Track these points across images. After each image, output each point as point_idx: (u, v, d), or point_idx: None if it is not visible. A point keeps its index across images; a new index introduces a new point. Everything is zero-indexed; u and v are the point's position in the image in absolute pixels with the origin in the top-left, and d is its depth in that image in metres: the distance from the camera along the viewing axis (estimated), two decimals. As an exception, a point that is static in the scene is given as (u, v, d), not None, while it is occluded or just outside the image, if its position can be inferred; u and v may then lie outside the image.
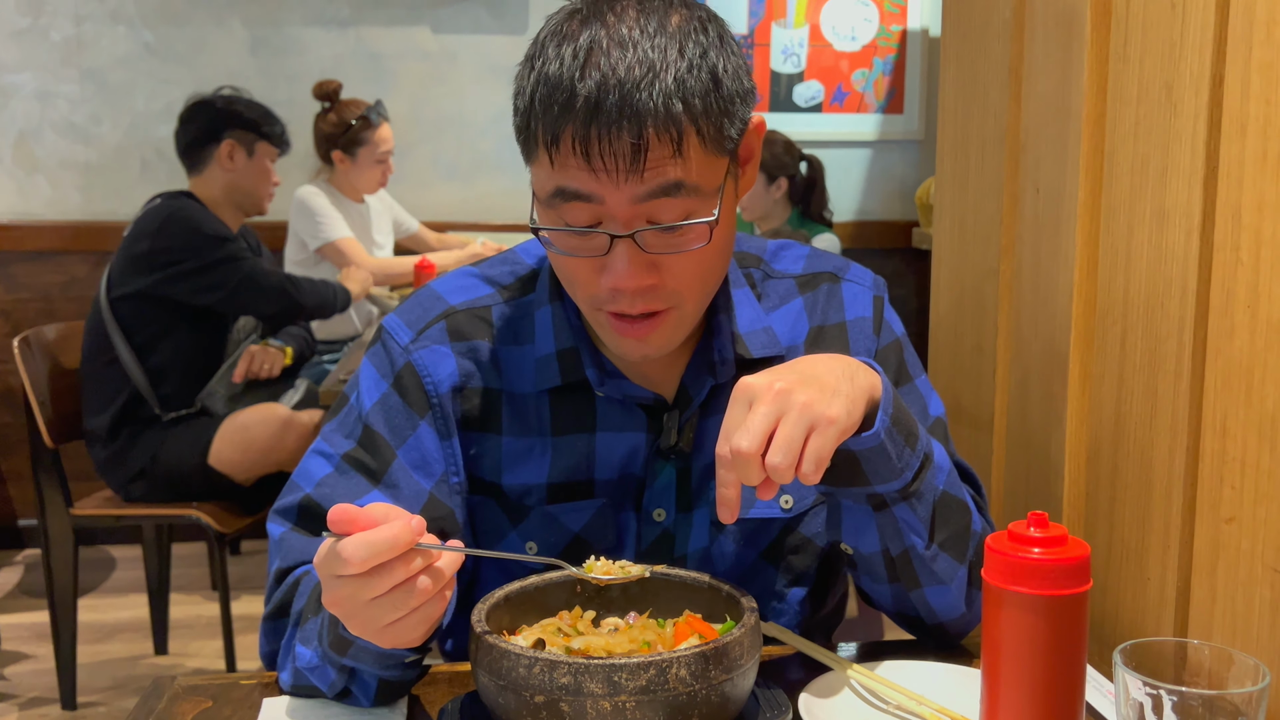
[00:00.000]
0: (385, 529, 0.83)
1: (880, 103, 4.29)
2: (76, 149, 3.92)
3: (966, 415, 1.53)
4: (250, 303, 2.88)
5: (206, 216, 2.85)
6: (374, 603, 0.85)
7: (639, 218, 0.97)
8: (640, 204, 0.96)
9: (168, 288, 2.75)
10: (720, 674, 0.87)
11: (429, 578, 0.86)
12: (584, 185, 0.96)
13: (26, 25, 3.84)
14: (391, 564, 0.84)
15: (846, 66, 4.26)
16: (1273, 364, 0.95)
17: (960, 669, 1.05)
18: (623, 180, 0.95)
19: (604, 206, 0.97)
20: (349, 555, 0.82)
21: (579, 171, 0.95)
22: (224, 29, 3.93)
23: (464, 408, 1.14)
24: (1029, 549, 0.79)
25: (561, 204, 0.98)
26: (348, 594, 0.85)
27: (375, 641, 0.89)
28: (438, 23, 4.03)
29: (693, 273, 1.02)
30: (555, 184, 0.98)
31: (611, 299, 1.02)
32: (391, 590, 0.84)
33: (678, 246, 0.99)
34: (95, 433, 2.78)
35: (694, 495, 1.15)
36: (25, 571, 3.79)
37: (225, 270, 2.79)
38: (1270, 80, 0.94)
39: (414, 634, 0.89)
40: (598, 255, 1.00)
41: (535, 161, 1.00)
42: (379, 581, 0.84)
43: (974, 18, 1.49)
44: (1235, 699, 0.79)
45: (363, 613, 0.86)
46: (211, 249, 2.77)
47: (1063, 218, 1.27)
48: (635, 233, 0.97)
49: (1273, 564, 0.95)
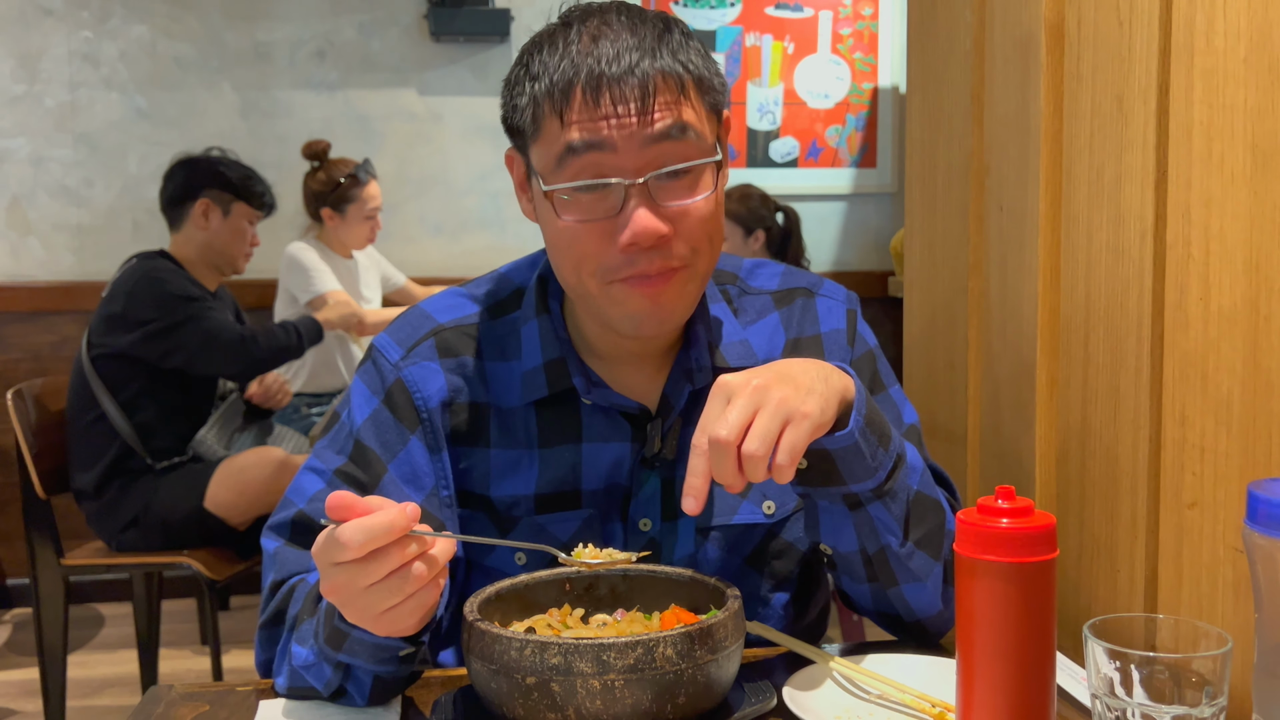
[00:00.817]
0: (381, 515, 0.85)
1: (854, 157, 4.37)
2: (69, 211, 3.96)
3: (941, 430, 1.56)
4: (210, 363, 2.84)
5: (174, 276, 2.83)
6: (371, 589, 0.87)
7: (649, 165, 1.01)
8: (649, 147, 1.01)
9: (141, 349, 2.76)
10: (706, 654, 0.89)
11: (424, 564, 0.88)
12: (595, 134, 1.00)
13: (22, 91, 3.91)
14: (387, 550, 0.86)
15: (820, 123, 4.35)
16: (1225, 351, 0.98)
17: (940, 660, 1.07)
18: (633, 125, 0.99)
19: (615, 156, 1.01)
20: (346, 540, 0.84)
21: (591, 122, 1.00)
22: (214, 93, 4.00)
23: (453, 422, 1.16)
24: (998, 519, 0.82)
25: (572, 161, 1.02)
26: (345, 580, 0.87)
27: (371, 629, 0.91)
28: (424, 85, 4.11)
29: (701, 228, 1.05)
30: (565, 141, 1.01)
31: (628, 262, 1.04)
32: (388, 576, 0.86)
33: (686, 195, 1.03)
34: (84, 489, 2.78)
35: (678, 504, 1.18)
36: (14, 630, 3.75)
37: (187, 331, 2.76)
38: (1212, 85, 0.99)
39: (409, 620, 0.90)
40: (610, 216, 1.03)
41: (541, 135, 1.04)
42: (375, 567, 0.86)
43: (937, 49, 1.55)
44: (1200, 665, 0.82)
45: (360, 599, 0.88)
46: (176, 309, 2.76)
47: (1026, 232, 1.31)
48: (647, 178, 1.01)
49: (1233, 544, 0.98)
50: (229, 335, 2.82)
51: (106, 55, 3.94)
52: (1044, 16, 1.25)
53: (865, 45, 4.33)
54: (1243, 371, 0.96)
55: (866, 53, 4.33)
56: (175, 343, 2.76)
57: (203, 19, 3.98)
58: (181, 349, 2.76)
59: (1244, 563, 0.97)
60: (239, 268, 3.06)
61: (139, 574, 3.06)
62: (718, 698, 0.93)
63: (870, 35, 4.33)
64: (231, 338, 2.82)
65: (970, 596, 0.83)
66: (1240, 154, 0.96)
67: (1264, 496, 0.72)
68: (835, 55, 4.32)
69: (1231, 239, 0.97)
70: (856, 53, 4.33)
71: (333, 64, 4.05)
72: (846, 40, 4.32)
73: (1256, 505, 0.73)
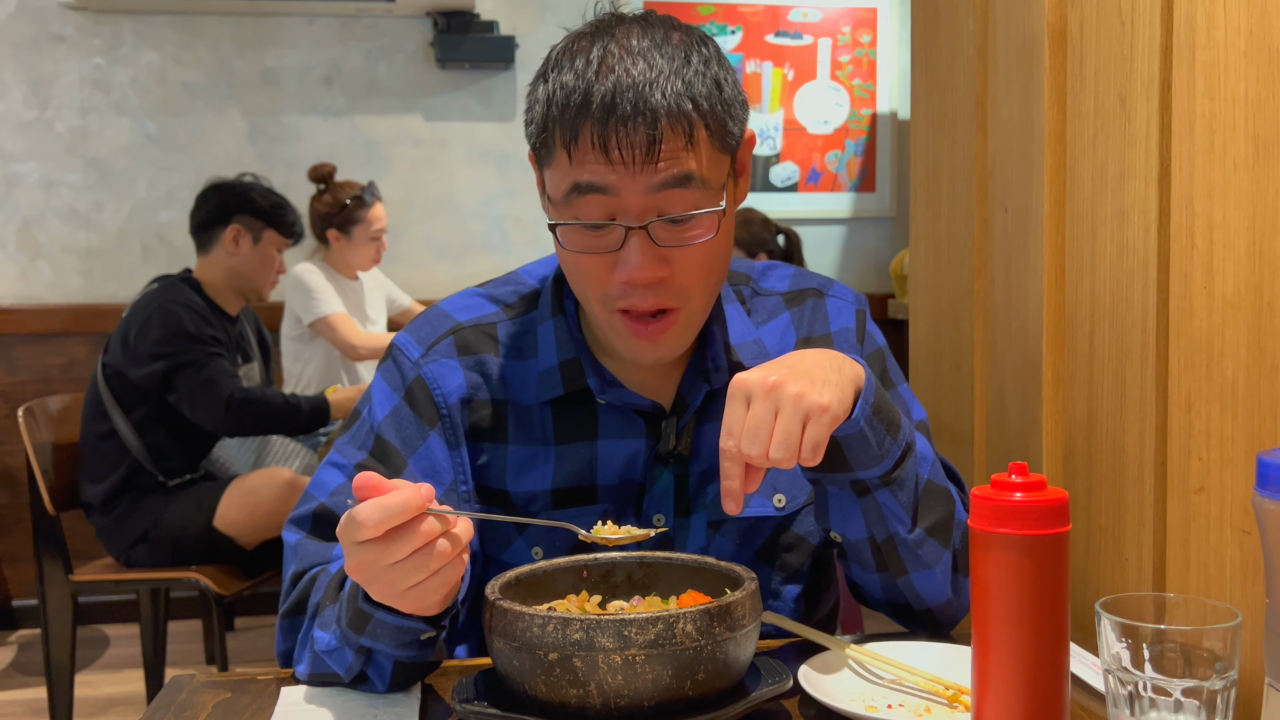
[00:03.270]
0: (397, 494, 0.87)
1: (853, 182, 4.41)
2: (79, 235, 3.98)
3: (947, 431, 1.57)
4: (196, 411, 2.76)
5: (189, 313, 2.79)
6: (394, 567, 0.88)
7: (651, 210, 1.02)
8: (653, 195, 1.01)
9: (146, 382, 2.76)
10: (724, 631, 0.90)
11: (447, 541, 0.89)
12: (600, 178, 1.01)
13: (33, 117, 3.94)
14: (409, 528, 0.87)
15: (820, 149, 4.38)
16: (1229, 337, 1.00)
17: (953, 647, 1.08)
18: (638, 170, 1.00)
19: (619, 199, 1.02)
20: (363, 519, 0.86)
21: (596, 165, 1.00)
22: (223, 119, 4.04)
23: (472, 419, 1.17)
24: (1011, 494, 0.83)
25: (577, 199, 1.03)
26: (370, 558, 0.88)
27: (397, 606, 0.92)
28: (429, 111, 4.15)
29: (699, 269, 1.06)
30: (572, 180, 1.02)
31: (624, 294, 1.06)
32: (411, 554, 0.88)
33: (687, 240, 1.04)
34: (94, 502, 2.78)
35: (692, 500, 1.19)
36: (19, 650, 3.74)
37: (185, 374, 2.73)
38: (1213, 79, 1.01)
39: (434, 597, 0.92)
40: (611, 251, 1.04)
41: (552, 164, 1.05)
42: (397, 546, 0.87)
43: (941, 57, 1.58)
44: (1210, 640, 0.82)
45: (384, 577, 0.89)
46: (181, 350, 2.74)
47: (1030, 232, 1.33)
48: (648, 224, 1.02)
49: (1241, 526, 0.99)
50: (219, 391, 2.74)
51: (117, 81, 3.97)
52: (1046, 21, 1.27)
53: (864, 72, 4.37)
54: (1247, 356, 0.98)
55: (865, 79, 4.38)
56: (173, 383, 2.75)
57: (212, 46, 4.02)
58: (176, 390, 2.75)
59: (1251, 545, 0.98)
60: (264, 295, 3.05)
61: (145, 591, 3.06)
62: (735, 677, 0.94)
63: (869, 62, 4.37)
64: (221, 394, 2.74)
65: (985, 570, 0.84)
66: (1241, 144, 0.98)
67: (1273, 462, 0.74)
68: (834, 82, 4.36)
69: (1234, 227, 0.99)
70: (855, 79, 4.37)
71: (340, 90, 4.09)
72: (845, 67, 4.36)
73: (1267, 472, 0.74)
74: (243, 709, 1.02)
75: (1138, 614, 0.85)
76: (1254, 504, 0.77)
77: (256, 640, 3.73)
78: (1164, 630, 0.82)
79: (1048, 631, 0.84)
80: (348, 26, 4.08)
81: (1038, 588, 0.83)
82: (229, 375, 2.80)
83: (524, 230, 4.20)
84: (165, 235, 4.02)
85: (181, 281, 2.92)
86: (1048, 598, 0.83)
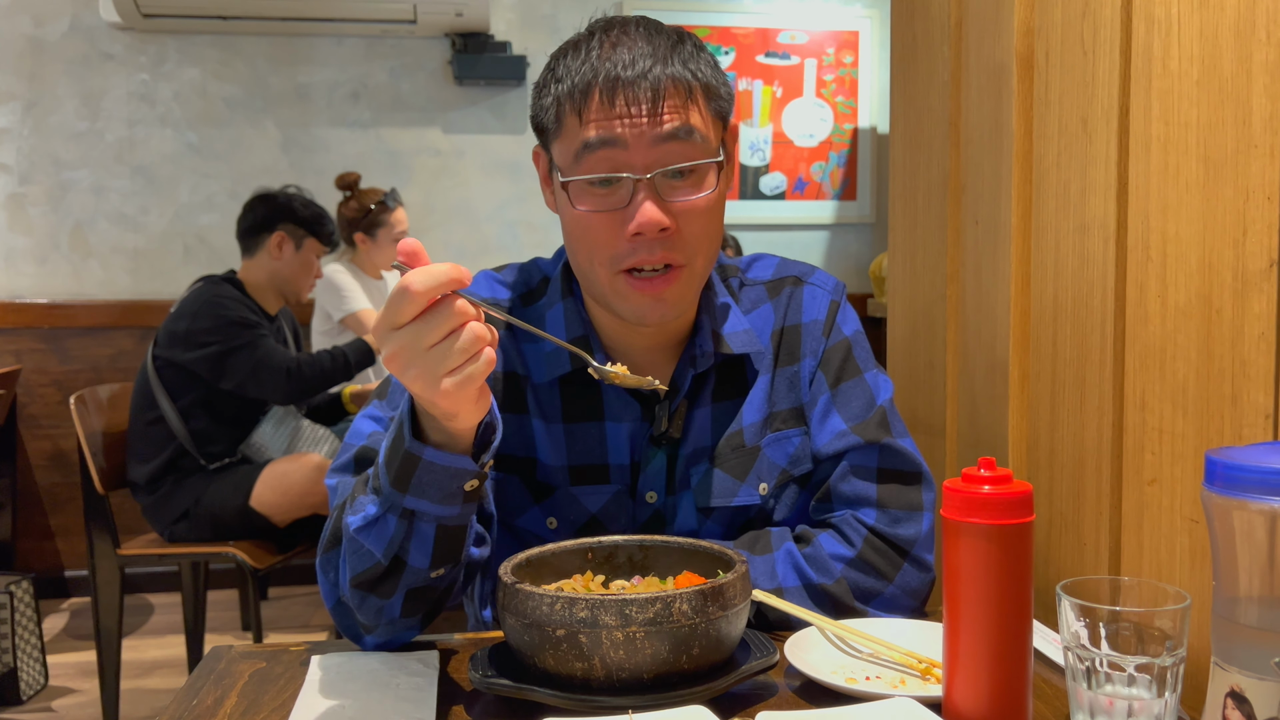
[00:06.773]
0: (443, 265, 0.83)
1: (836, 191, 4.40)
2: (127, 236, 3.98)
3: (922, 425, 1.57)
4: (260, 388, 2.79)
5: (235, 303, 2.81)
6: (431, 351, 0.83)
7: (656, 163, 1.03)
8: (658, 146, 1.02)
9: (198, 368, 2.76)
10: (717, 610, 0.90)
11: (480, 325, 0.85)
12: (609, 132, 1.02)
13: (85, 128, 3.93)
14: (445, 306, 0.83)
15: (805, 160, 4.38)
16: (1181, 342, 1.00)
17: (926, 624, 1.08)
18: (644, 124, 1.01)
19: (626, 153, 1.02)
20: (414, 283, 0.82)
21: (605, 121, 1.02)
22: (259, 130, 4.03)
23: (495, 388, 1.15)
24: (980, 486, 0.83)
25: (588, 156, 1.03)
26: (408, 341, 0.83)
27: (437, 401, 0.86)
28: (448, 124, 4.14)
29: (701, 227, 1.06)
30: (582, 139, 1.03)
31: (631, 252, 1.05)
32: (446, 337, 0.83)
33: (690, 192, 1.05)
34: (140, 482, 2.78)
35: (678, 481, 1.18)
36: (71, 617, 3.75)
37: (240, 357, 2.75)
38: (1168, 105, 1.01)
39: (468, 391, 0.86)
40: (619, 208, 1.04)
41: (563, 133, 1.06)
42: (435, 323, 0.83)
43: (917, 77, 1.57)
44: (1162, 621, 0.82)
45: (421, 361, 0.84)
46: (232, 335, 2.75)
47: (999, 243, 1.33)
48: (654, 174, 1.03)
49: (1190, 516, 1.00)
50: (277, 364, 2.78)
51: (162, 95, 3.97)
52: (1015, 48, 1.27)
53: (846, 90, 4.36)
54: (1197, 360, 0.98)
55: (848, 96, 4.37)
56: (228, 367, 2.75)
57: (249, 63, 4.01)
58: (233, 373, 2.75)
59: (1199, 532, 0.98)
60: (302, 297, 3.05)
61: (187, 564, 3.06)
62: (727, 651, 0.94)
63: (851, 81, 4.36)
64: (280, 366, 2.78)
65: (956, 556, 0.84)
66: (1193, 165, 0.98)
67: (1221, 460, 0.74)
68: (819, 99, 4.35)
69: (1186, 241, 0.99)
70: (839, 96, 4.36)
71: (366, 105, 4.08)
72: (829, 85, 4.35)
73: (1215, 469, 0.74)
74: (276, 677, 1.03)
75: (1095, 596, 0.85)
76: (1203, 498, 0.77)
77: (289, 608, 3.74)
78: (1119, 611, 0.82)
79: (1012, 611, 0.84)
80: (373, 46, 4.07)
81: (1004, 571, 0.83)
82: (280, 351, 2.82)
83: (535, 234, 4.20)
84: (205, 237, 4.02)
85: (225, 280, 2.93)
86: (1013, 581, 0.83)
